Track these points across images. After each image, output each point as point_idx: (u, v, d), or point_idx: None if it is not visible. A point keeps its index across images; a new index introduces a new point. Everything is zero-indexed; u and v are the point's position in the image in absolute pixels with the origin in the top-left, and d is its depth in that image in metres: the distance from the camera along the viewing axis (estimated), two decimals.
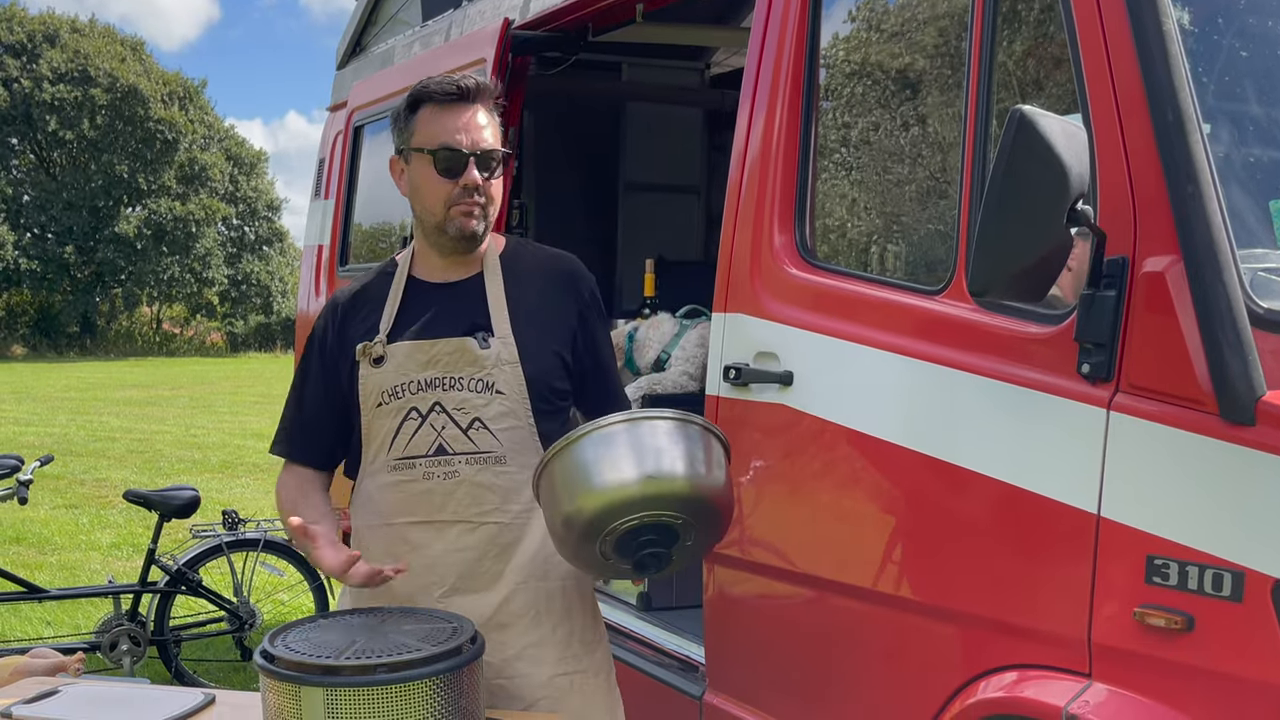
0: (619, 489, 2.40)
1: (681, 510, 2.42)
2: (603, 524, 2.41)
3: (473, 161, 2.64)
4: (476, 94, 2.69)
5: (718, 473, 2.49)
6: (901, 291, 2.97)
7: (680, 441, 2.46)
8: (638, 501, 2.40)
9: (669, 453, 2.43)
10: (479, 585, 2.66)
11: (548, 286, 2.78)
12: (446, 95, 2.67)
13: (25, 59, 41.85)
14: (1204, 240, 2.23)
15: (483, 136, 2.67)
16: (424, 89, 2.69)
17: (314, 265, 6.84)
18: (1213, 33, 2.59)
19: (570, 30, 4.90)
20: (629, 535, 2.41)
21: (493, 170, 2.68)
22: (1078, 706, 2.39)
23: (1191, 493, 2.28)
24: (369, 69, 6.56)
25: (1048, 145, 2.24)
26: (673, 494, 2.41)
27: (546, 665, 2.68)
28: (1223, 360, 2.19)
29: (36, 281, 41.63)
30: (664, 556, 2.44)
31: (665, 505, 2.41)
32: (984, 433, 2.68)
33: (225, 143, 47.14)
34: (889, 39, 3.26)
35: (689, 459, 2.45)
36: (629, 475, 2.41)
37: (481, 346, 2.66)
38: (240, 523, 6.27)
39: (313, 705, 2.14)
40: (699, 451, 2.47)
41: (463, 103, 2.67)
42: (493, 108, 2.74)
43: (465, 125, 2.66)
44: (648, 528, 2.41)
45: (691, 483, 2.43)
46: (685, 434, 2.47)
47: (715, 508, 2.49)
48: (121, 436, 16.50)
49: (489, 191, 2.68)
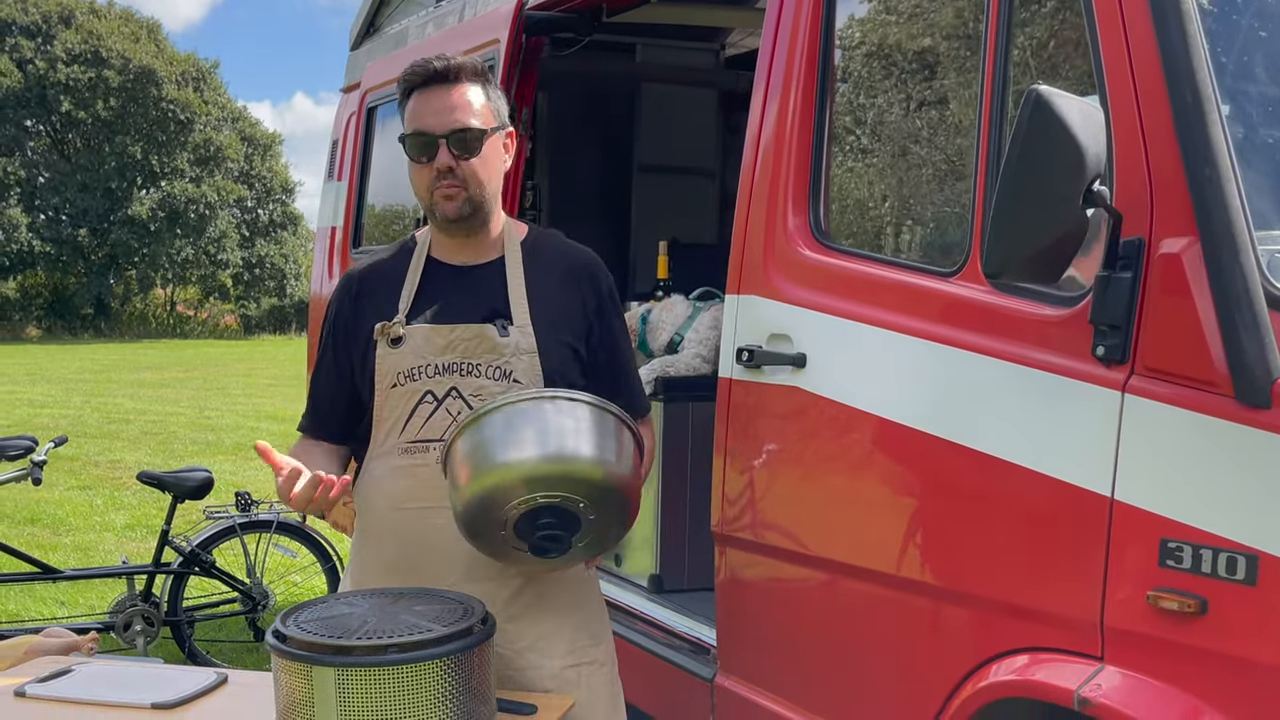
0: (518, 466, 2.37)
1: (583, 495, 2.37)
2: (501, 501, 2.36)
3: (444, 144, 2.62)
4: (454, 73, 2.65)
5: (625, 462, 2.44)
6: (916, 273, 2.95)
7: (589, 425, 2.42)
8: (538, 480, 2.36)
9: (574, 434, 2.39)
10: (490, 574, 2.63)
11: (567, 279, 2.76)
12: (422, 77, 2.66)
13: (40, 40, 41.87)
14: (1221, 222, 2.21)
15: (455, 117, 2.63)
16: (405, 74, 2.68)
17: (327, 247, 6.84)
18: (1232, 12, 2.57)
19: (584, 11, 4.88)
20: (529, 517, 2.37)
21: (469, 150, 2.63)
22: (1090, 689, 2.39)
23: (1206, 476, 2.27)
24: (382, 50, 6.55)
25: (1064, 125, 2.22)
26: (575, 475, 2.37)
27: (555, 657, 2.67)
28: (1239, 342, 2.17)
29: (51, 263, 41.73)
30: (563, 540, 2.39)
31: (566, 487, 2.36)
32: (997, 415, 2.66)
33: (239, 124, 47.14)
34: (904, 19, 3.24)
35: (596, 444, 2.40)
36: (530, 453, 2.37)
37: (501, 334, 2.65)
38: (253, 504, 6.28)
39: (324, 685, 2.14)
40: (609, 440, 2.43)
41: (438, 83, 2.65)
42: (484, 82, 2.70)
43: (439, 107, 2.63)
44: (547, 509, 2.36)
45: (596, 467, 2.38)
46: (597, 419, 2.43)
47: (620, 496, 2.43)
48: (136, 418, 16.55)
49: (466, 171, 2.63)
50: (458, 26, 5.51)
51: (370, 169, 6.40)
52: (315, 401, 2.86)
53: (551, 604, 2.70)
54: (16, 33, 41.71)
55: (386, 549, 2.73)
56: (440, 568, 2.64)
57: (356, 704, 2.13)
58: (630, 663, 3.85)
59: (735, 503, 3.45)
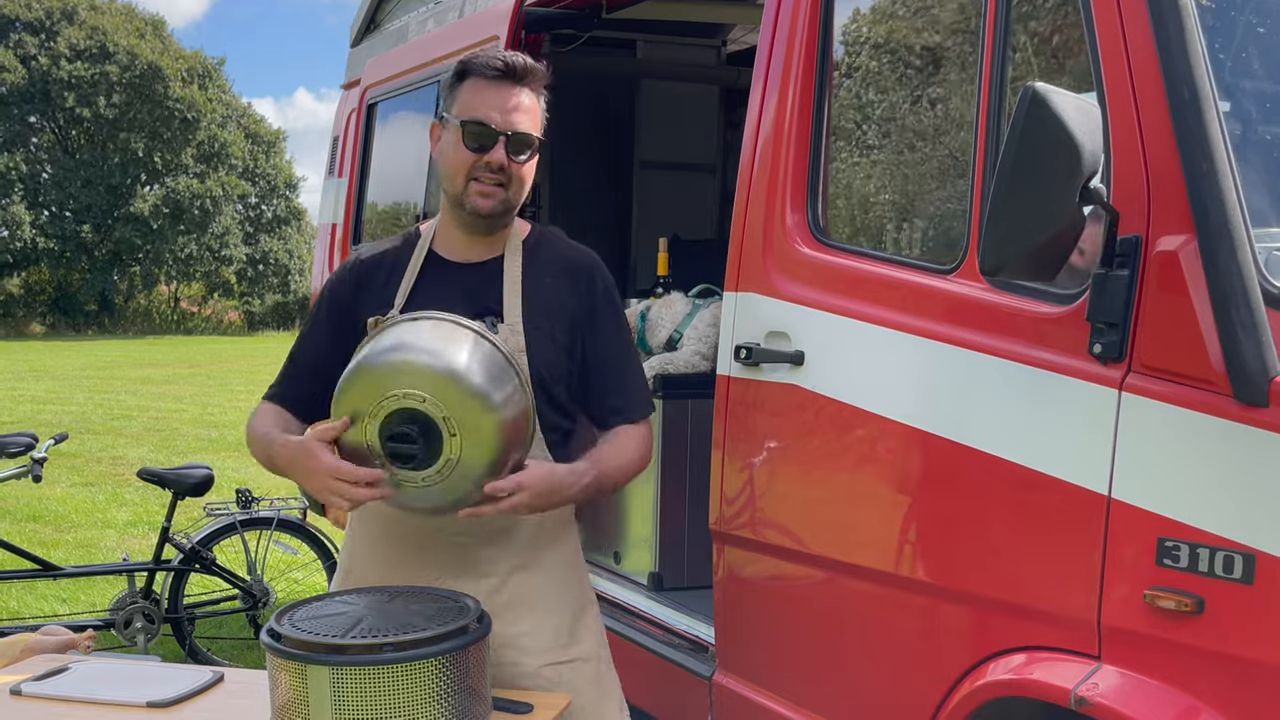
0: (390, 362, 2.42)
1: (444, 403, 2.38)
2: (367, 399, 2.41)
3: (502, 141, 2.63)
4: (524, 74, 2.66)
5: (496, 390, 2.44)
6: (914, 271, 2.95)
7: (475, 352, 2.45)
8: (404, 375, 2.40)
9: (455, 351, 2.43)
10: (471, 572, 2.66)
11: (563, 279, 2.75)
12: (493, 70, 2.65)
13: (43, 36, 41.90)
14: (1218, 219, 2.20)
15: (519, 118, 2.64)
16: (472, 59, 2.67)
17: (328, 244, 6.84)
18: (1229, 9, 2.56)
19: (584, 7, 4.87)
20: (395, 420, 2.40)
21: (523, 154, 2.65)
22: (1086, 688, 2.38)
23: (1203, 474, 2.26)
24: (383, 46, 6.54)
25: (1060, 122, 2.21)
26: (436, 377, 2.39)
27: (534, 655, 2.68)
28: (1236, 341, 2.17)
29: (54, 260, 41.77)
30: (419, 454, 2.40)
31: (428, 387, 2.39)
32: (994, 413, 2.66)
33: (244, 121, 47.18)
34: (902, 15, 3.23)
35: (478, 367, 2.43)
36: (403, 356, 2.42)
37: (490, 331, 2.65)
38: (254, 501, 6.28)
39: (319, 684, 2.14)
40: (496, 370, 2.46)
41: (507, 80, 2.65)
42: (540, 92, 2.71)
43: (503, 104, 2.63)
44: (408, 416, 2.39)
45: (461, 378, 2.40)
46: (487, 353, 2.47)
47: (482, 414, 2.41)
48: (138, 415, 16.56)
49: (514, 174, 2.65)
50: (458, 22, 5.50)
51: (371, 166, 6.39)
52: (296, 366, 2.85)
53: (533, 602, 2.71)
54: (20, 28, 41.75)
55: (372, 543, 2.77)
56: (421, 565, 2.68)
57: (351, 703, 2.13)
58: (629, 661, 3.84)
59: (733, 501, 3.44)
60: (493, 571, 2.68)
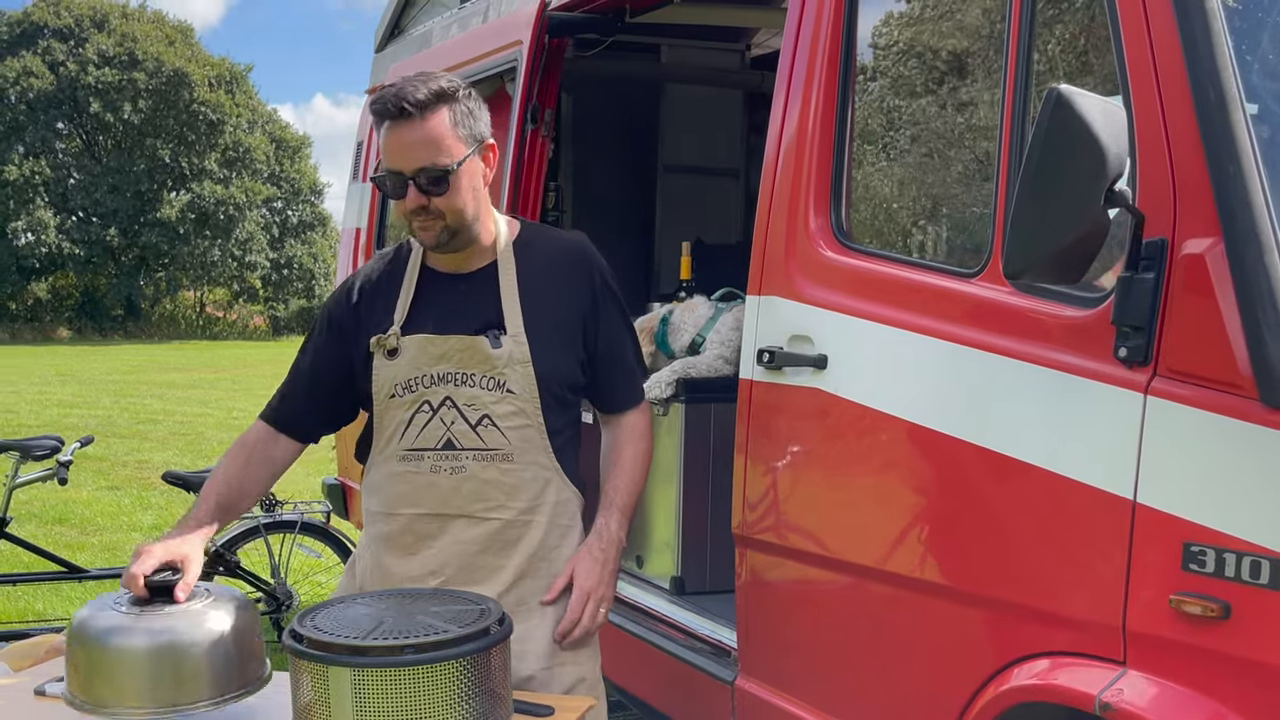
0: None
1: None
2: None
3: (411, 185, 2.59)
4: (425, 105, 2.56)
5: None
6: (937, 274, 2.93)
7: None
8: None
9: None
10: (476, 578, 2.68)
11: (559, 275, 2.77)
12: (390, 113, 2.58)
13: (73, 43, 42.21)
14: (1245, 222, 2.18)
15: (420, 155, 2.57)
16: (375, 101, 2.61)
17: (352, 249, 6.85)
18: (1257, 10, 2.54)
19: (608, 11, 4.87)
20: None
21: (439, 186, 2.59)
22: (1111, 694, 2.36)
23: (1230, 479, 2.24)
24: (407, 52, 6.55)
25: (1085, 125, 2.20)
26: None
27: (529, 660, 2.69)
28: (1263, 344, 2.14)
29: (81, 265, 42.05)
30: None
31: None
32: (1019, 417, 2.64)
33: (269, 127, 47.41)
34: (926, 19, 3.22)
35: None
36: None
37: (493, 346, 2.67)
38: (277, 505, 6.30)
39: (340, 685, 2.14)
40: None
41: (405, 119, 2.57)
42: (450, 104, 2.60)
43: (405, 145, 2.58)
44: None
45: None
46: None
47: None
48: (164, 419, 16.64)
49: (437, 207, 2.61)
50: (481, 28, 5.50)
51: None
52: (291, 387, 2.85)
53: (531, 609, 2.72)
54: (49, 35, 42.06)
55: (378, 546, 2.79)
56: (426, 570, 2.71)
57: (373, 704, 2.13)
58: (651, 664, 3.83)
59: (756, 505, 3.43)
60: (499, 579, 2.70)
